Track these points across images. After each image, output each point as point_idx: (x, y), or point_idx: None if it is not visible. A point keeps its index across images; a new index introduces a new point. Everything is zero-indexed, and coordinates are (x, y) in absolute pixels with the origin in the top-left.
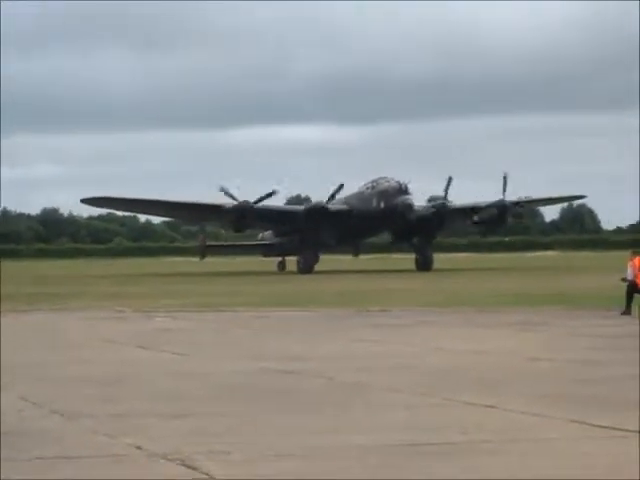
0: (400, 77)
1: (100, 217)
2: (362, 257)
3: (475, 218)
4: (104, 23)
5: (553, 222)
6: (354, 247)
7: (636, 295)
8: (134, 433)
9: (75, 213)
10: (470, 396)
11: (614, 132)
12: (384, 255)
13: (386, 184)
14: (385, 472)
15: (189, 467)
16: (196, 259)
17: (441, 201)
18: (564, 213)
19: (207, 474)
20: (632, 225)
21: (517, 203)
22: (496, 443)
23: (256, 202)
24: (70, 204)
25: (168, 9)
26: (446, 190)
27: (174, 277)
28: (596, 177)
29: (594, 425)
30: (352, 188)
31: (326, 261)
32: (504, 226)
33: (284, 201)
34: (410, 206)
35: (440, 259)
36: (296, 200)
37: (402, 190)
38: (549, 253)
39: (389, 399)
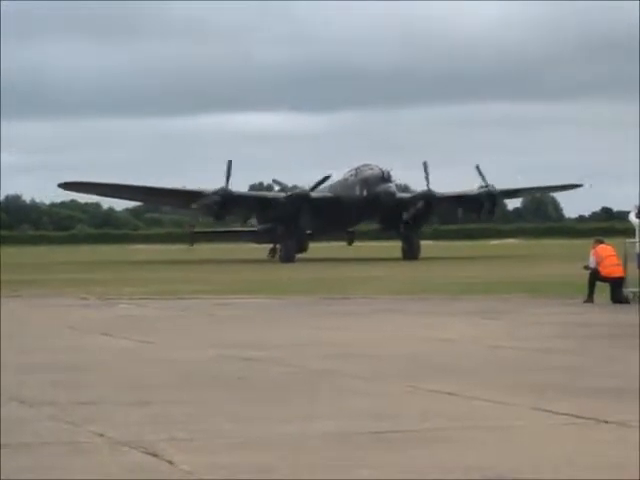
0: (364, 65)
1: (63, 204)
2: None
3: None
4: (66, 13)
5: (516, 210)
6: (347, 235)
7: (599, 283)
8: (97, 421)
9: (38, 200)
10: (433, 383)
11: (578, 121)
12: (376, 243)
13: (368, 172)
14: (348, 460)
15: (151, 454)
16: (185, 246)
17: (427, 189)
18: (526, 201)
19: (169, 461)
20: (595, 213)
21: (507, 192)
22: (457, 430)
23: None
24: (31, 191)
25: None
26: (427, 177)
27: (138, 264)
28: (560, 166)
29: (555, 412)
30: (313, 176)
31: (317, 249)
32: (493, 214)
33: (247, 187)
34: (392, 194)
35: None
36: (258, 187)
37: (384, 178)
38: (511, 241)
39: (352, 387)
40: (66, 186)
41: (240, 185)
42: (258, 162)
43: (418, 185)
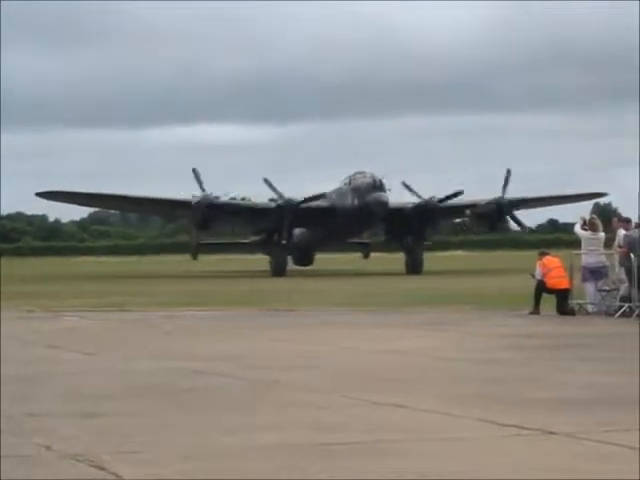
0: (318, 77)
1: (8, 216)
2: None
3: (467, 212)
4: (23, 20)
5: (462, 222)
6: (360, 247)
7: (545, 295)
8: (43, 433)
9: None
10: (379, 395)
11: (529, 132)
12: (381, 255)
13: (360, 180)
14: (292, 471)
15: (98, 467)
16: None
17: (429, 198)
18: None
19: (115, 474)
20: (541, 225)
21: (519, 200)
22: (404, 442)
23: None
24: None
25: (85, 7)
26: (410, 188)
27: (84, 277)
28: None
29: (502, 424)
30: (263, 188)
31: (325, 260)
32: (502, 224)
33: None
34: (383, 203)
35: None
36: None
37: (376, 186)
38: (459, 253)
39: (297, 398)
40: (47, 195)
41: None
42: (208, 174)
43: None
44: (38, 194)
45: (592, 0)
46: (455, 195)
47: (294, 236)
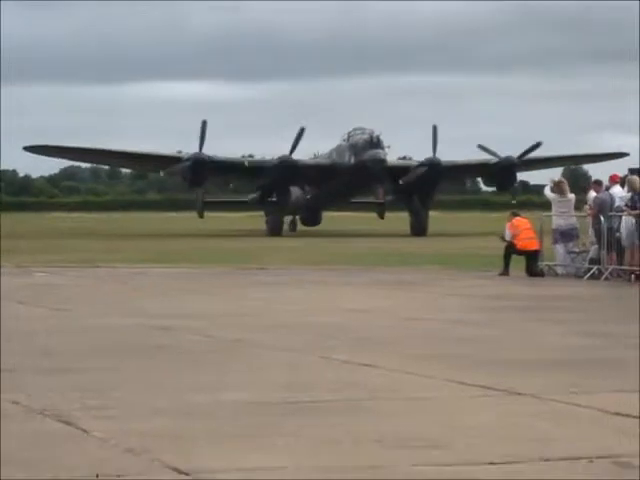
0: (295, 36)
1: None
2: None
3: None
4: None
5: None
6: (376, 207)
7: (514, 256)
8: (11, 389)
9: None
10: (346, 354)
11: (500, 92)
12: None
13: (357, 136)
14: (261, 428)
15: (65, 422)
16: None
17: (432, 156)
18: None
19: (83, 429)
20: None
21: (532, 160)
22: (371, 401)
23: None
24: None
25: None
26: (434, 144)
27: (55, 233)
28: (485, 138)
29: (468, 384)
30: (243, 146)
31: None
32: (512, 184)
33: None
34: (380, 160)
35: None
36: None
37: (372, 143)
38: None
39: (267, 357)
40: (34, 149)
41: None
42: (187, 131)
43: None
44: (26, 148)
45: None
46: (534, 148)
47: (296, 195)
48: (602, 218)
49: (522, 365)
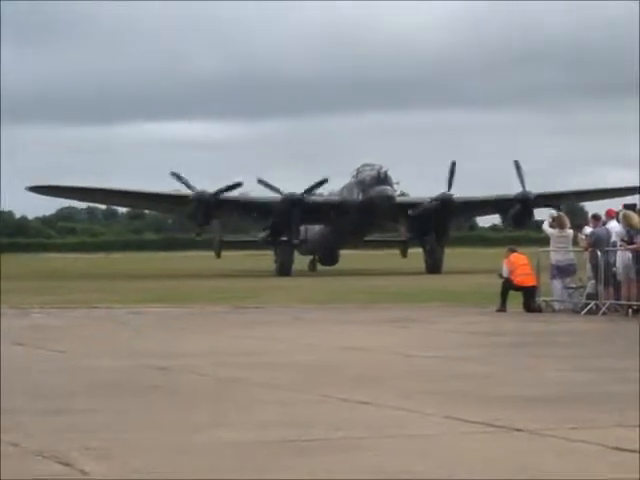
0: (287, 75)
1: None
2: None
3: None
4: None
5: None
6: (400, 244)
7: (512, 292)
8: (10, 430)
9: None
10: (345, 392)
11: (494, 129)
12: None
13: (365, 173)
14: (260, 468)
15: (64, 464)
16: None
17: (446, 193)
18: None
19: (82, 471)
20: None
21: (548, 196)
22: (371, 439)
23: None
24: None
25: (54, 5)
26: (450, 180)
27: (51, 274)
28: (471, 174)
29: (468, 421)
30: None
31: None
32: (528, 219)
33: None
34: (388, 197)
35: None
36: None
37: (380, 179)
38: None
39: (264, 395)
40: (38, 190)
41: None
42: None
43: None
44: (30, 188)
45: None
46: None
47: (310, 234)
48: (599, 253)
49: (521, 401)
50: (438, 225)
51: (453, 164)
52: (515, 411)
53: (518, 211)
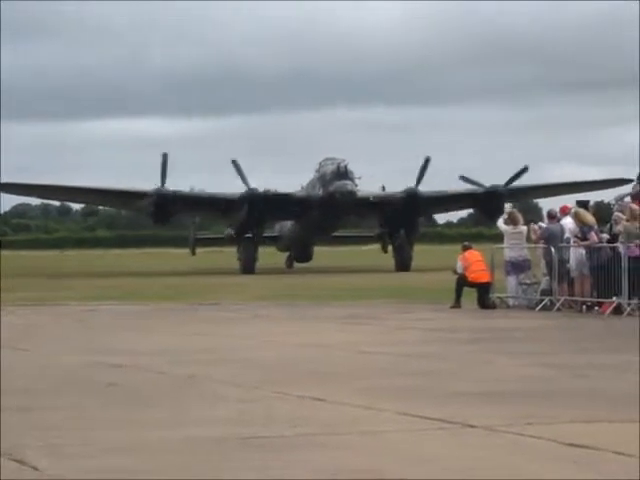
0: (252, 70)
1: None
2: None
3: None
4: None
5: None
6: (383, 239)
7: (466, 289)
8: None
9: None
10: (302, 389)
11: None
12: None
13: (327, 167)
14: (216, 466)
15: (17, 461)
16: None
17: (412, 187)
18: None
19: (34, 467)
20: (462, 219)
21: (521, 189)
22: (326, 436)
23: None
24: None
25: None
26: (420, 175)
27: (5, 272)
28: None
29: (423, 417)
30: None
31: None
32: (499, 214)
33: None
34: (349, 192)
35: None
36: None
37: (340, 173)
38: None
39: (220, 392)
40: (1, 187)
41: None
42: (144, 168)
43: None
44: None
45: None
46: (521, 173)
47: (284, 230)
48: (553, 249)
49: (476, 397)
50: (406, 220)
51: (426, 160)
52: (470, 407)
53: (488, 205)
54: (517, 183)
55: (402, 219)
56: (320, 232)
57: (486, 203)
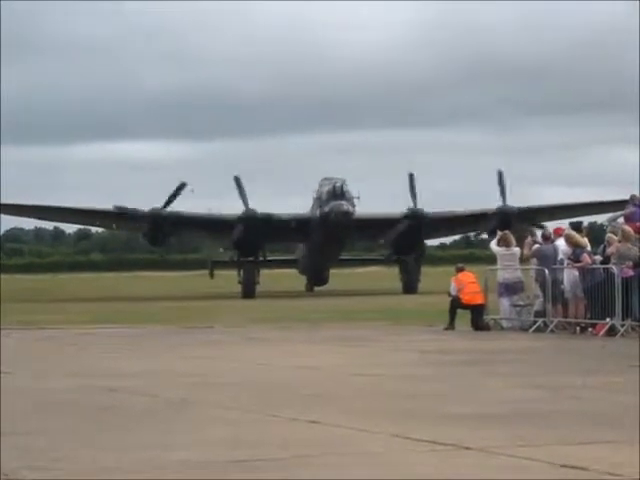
0: (237, 94)
1: None
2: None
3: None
4: None
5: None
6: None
7: (460, 310)
8: None
9: None
10: (295, 412)
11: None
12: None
13: (324, 187)
14: None
15: None
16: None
17: (416, 208)
18: None
19: None
20: (455, 241)
21: (531, 210)
22: (319, 457)
23: (166, 204)
24: None
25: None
26: (413, 193)
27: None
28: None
29: (416, 439)
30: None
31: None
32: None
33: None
34: (345, 213)
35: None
36: None
37: (336, 194)
38: (375, 269)
39: (214, 415)
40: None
41: None
42: (127, 190)
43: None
44: None
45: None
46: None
47: (299, 253)
48: (546, 271)
49: (469, 419)
50: (415, 243)
51: (411, 176)
52: (464, 429)
53: (497, 226)
54: (531, 204)
55: (410, 241)
56: (325, 254)
57: (498, 224)
